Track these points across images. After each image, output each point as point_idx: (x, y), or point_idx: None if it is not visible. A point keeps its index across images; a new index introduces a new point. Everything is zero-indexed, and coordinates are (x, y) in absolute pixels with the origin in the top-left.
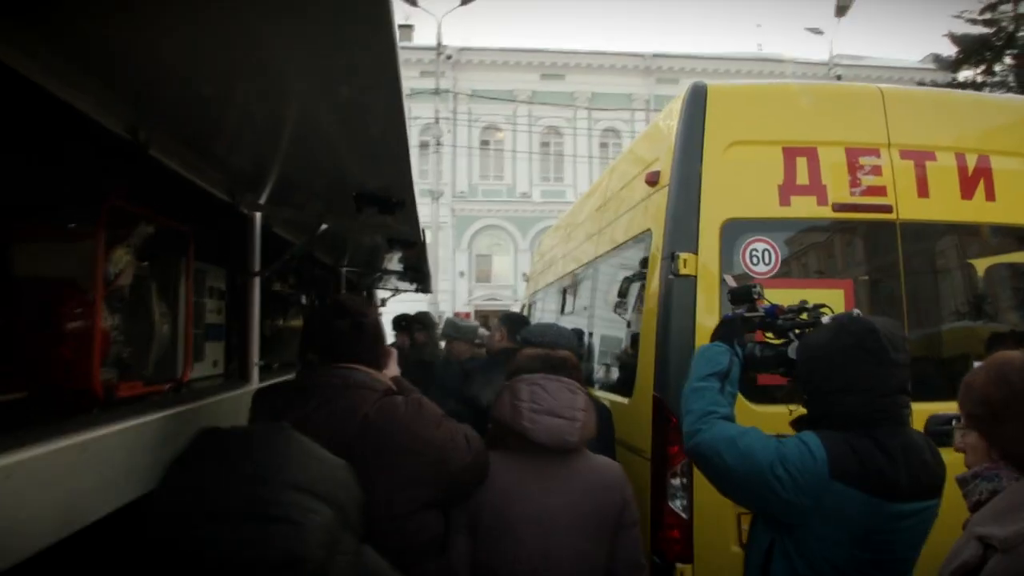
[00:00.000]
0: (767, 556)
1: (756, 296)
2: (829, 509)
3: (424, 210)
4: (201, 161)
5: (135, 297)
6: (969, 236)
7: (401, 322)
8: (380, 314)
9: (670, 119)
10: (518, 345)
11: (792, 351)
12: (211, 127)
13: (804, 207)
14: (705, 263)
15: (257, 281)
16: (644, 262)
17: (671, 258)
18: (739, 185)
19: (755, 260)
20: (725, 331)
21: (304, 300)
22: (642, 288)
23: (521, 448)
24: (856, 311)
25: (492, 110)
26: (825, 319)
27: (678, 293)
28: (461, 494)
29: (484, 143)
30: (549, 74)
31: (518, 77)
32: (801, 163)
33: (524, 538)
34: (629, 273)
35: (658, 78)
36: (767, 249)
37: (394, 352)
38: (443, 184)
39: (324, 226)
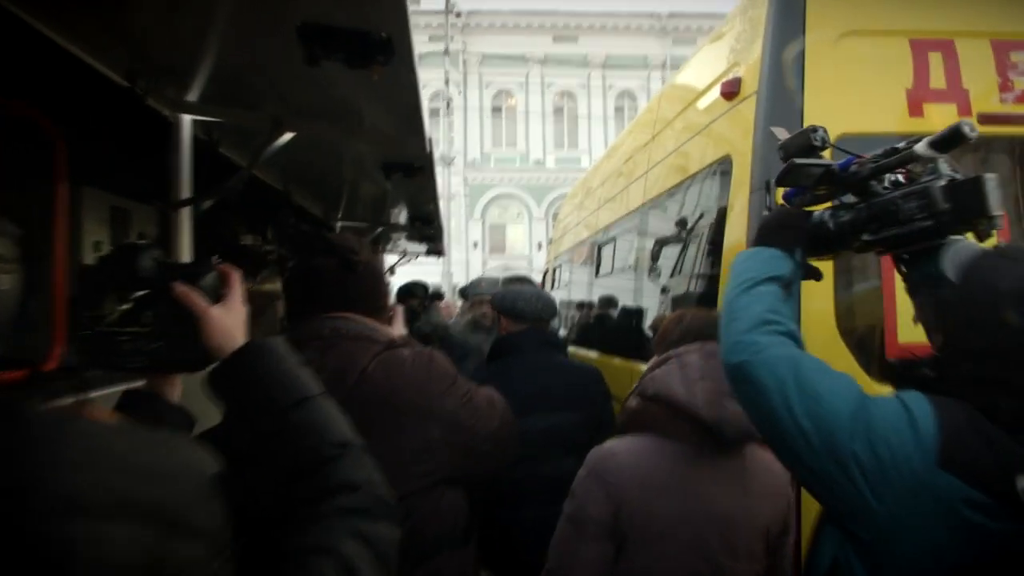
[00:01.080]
0: None
1: (820, 142)
2: (926, 517)
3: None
4: (82, 23)
5: None
6: None
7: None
8: (382, 260)
9: (755, 7)
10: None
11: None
12: None
13: (940, 118)
14: None
15: (187, 218)
16: (721, 199)
17: (766, 189)
18: (855, 89)
19: None
20: (778, 227)
21: (289, 264)
22: (719, 233)
23: (687, 437)
24: None
25: (504, 75)
26: (943, 167)
27: None
28: (486, 470)
29: (496, 109)
30: (562, 36)
31: (530, 40)
32: (935, 60)
33: (685, 549)
34: (697, 216)
35: (675, 39)
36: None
37: (400, 309)
38: (455, 152)
39: (286, 136)
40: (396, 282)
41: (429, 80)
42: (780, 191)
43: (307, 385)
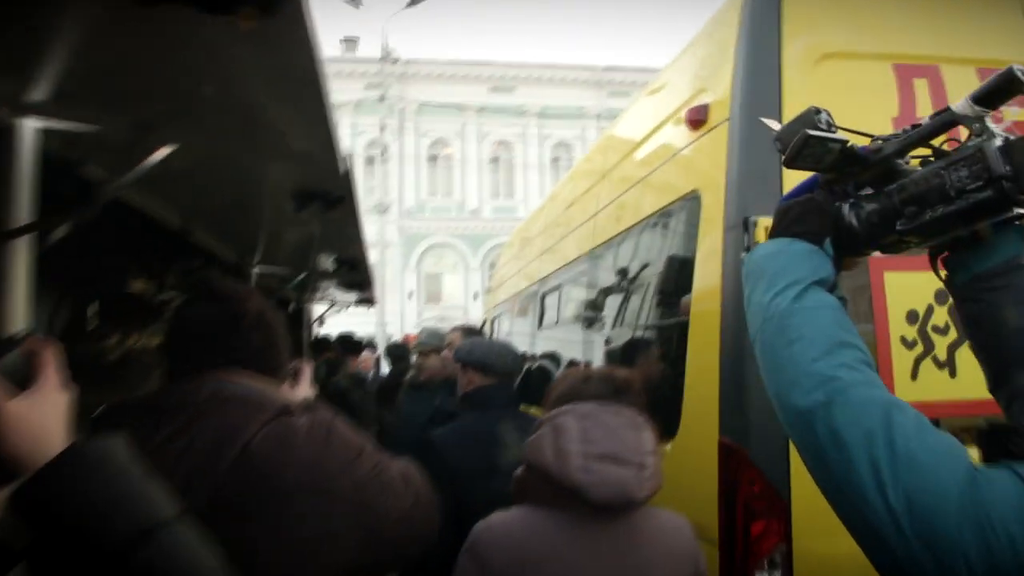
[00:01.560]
0: None
1: (825, 126)
2: None
3: (370, 228)
4: None
5: None
6: None
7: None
8: (274, 308)
9: (723, 28)
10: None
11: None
12: None
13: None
14: None
15: (24, 251)
16: (687, 239)
17: (744, 227)
18: (838, 117)
19: None
20: (803, 213)
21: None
22: (684, 277)
23: (563, 505)
24: None
25: (440, 124)
26: (993, 126)
27: None
28: (399, 556)
29: (432, 158)
30: (499, 87)
31: (467, 90)
32: (920, 87)
33: None
34: (658, 260)
35: (610, 91)
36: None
37: (306, 367)
38: (390, 200)
39: (165, 149)
40: (326, 333)
41: (365, 127)
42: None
43: (158, 507)
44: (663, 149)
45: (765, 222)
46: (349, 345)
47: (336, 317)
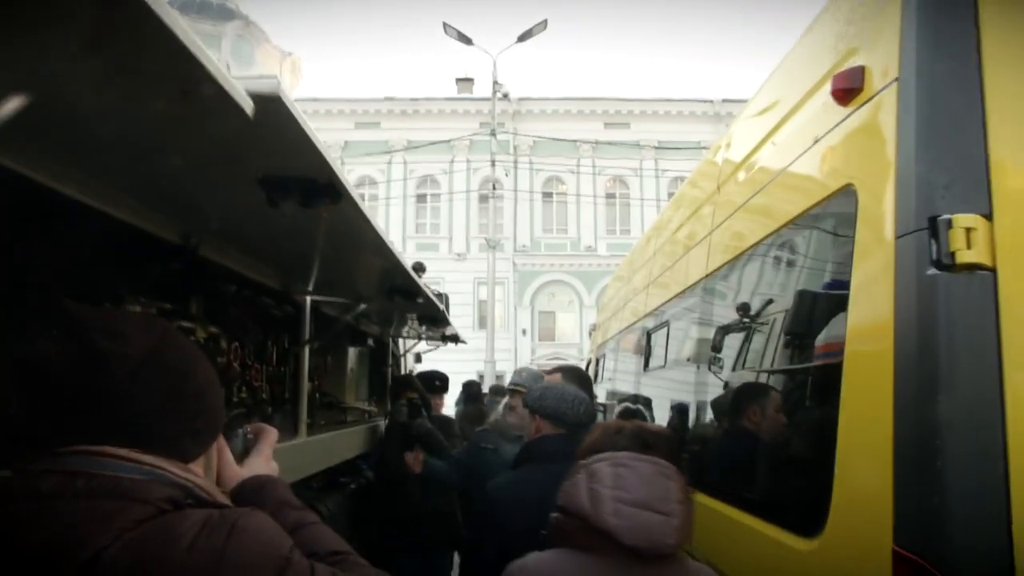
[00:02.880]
0: None
1: None
2: None
3: (482, 265)
4: None
5: None
6: None
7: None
8: (189, 349)
9: None
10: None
11: None
12: None
13: None
14: (1014, 238)
15: None
16: (836, 256)
17: (931, 231)
18: None
19: None
20: None
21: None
22: (832, 306)
23: (595, 548)
24: None
25: (554, 161)
26: None
27: (958, 305)
28: None
29: (547, 195)
30: (613, 123)
31: (581, 127)
32: None
33: None
34: (792, 285)
35: (728, 123)
36: None
37: (269, 432)
38: (504, 238)
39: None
40: (411, 371)
41: (480, 164)
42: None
43: None
44: (796, 138)
45: (966, 221)
46: (432, 384)
47: (437, 354)
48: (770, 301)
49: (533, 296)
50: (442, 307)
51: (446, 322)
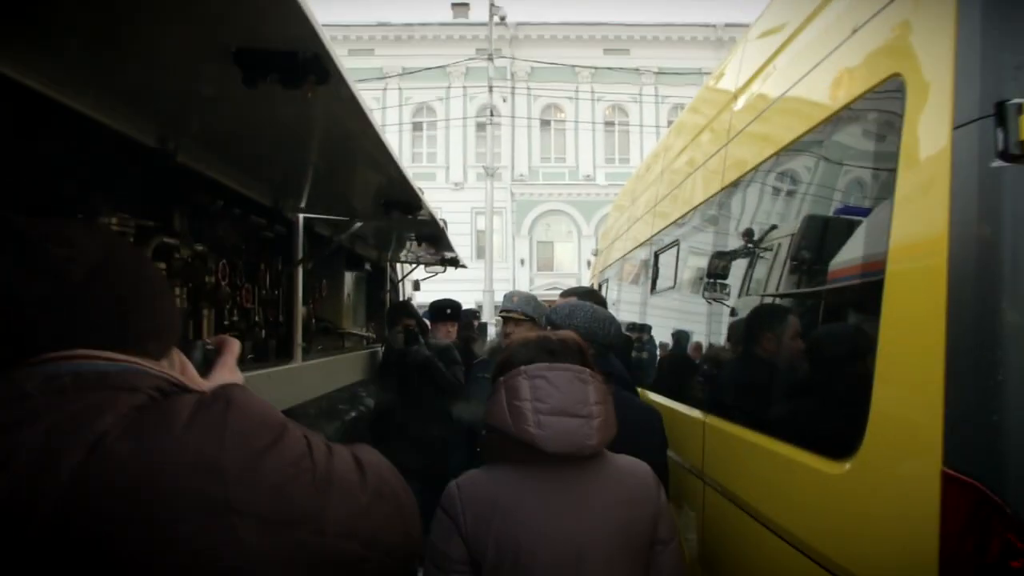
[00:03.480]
0: None
1: None
2: None
3: (479, 194)
4: None
5: None
6: None
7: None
8: (138, 256)
9: None
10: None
11: None
12: None
13: None
14: None
15: None
16: (878, 156)
17: (998, 117)
18: None
19: None
20: None
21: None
22: (876, 210)
23: (526, 460)
24: None
25: (553, 87)
26: None
27: None
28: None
29: (545, 122)
30: (613, 48)
31: (580, 53)
32: None
33: (543, 572)
34: (823, 193)
35: (730, 49)
36: None
37: (232, 343)
38: (501, 167)
39: None
40: (423, 299)
41: (476, 92)
42: None
43: None
44: (830, 32)
45: None
46: (443, 312)
47: (436, 284)
48: (797, 211)
49: (531, 226)
50: (441, 221)
51: (446, 243)
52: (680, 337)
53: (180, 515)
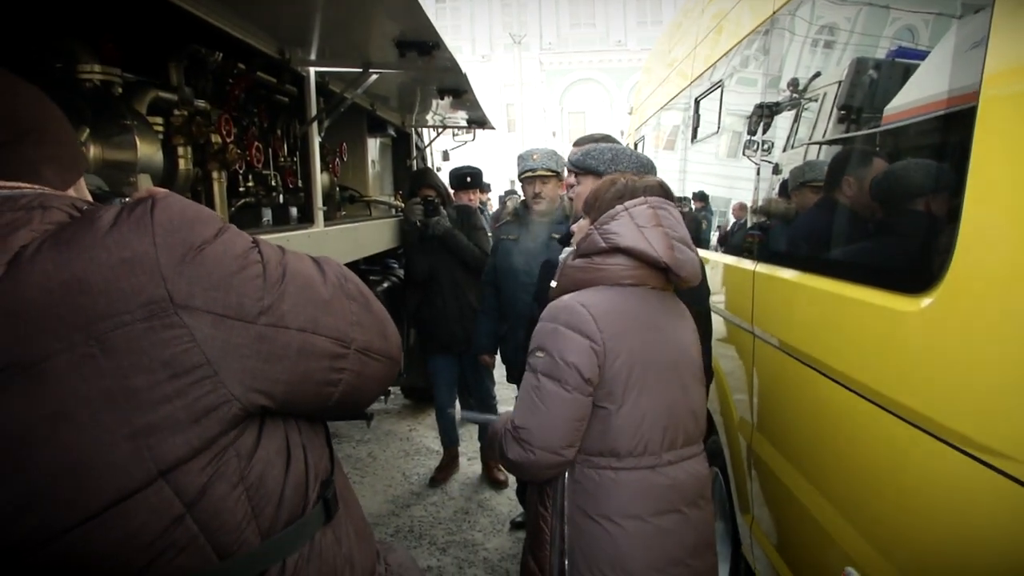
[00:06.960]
0: None
1: None
2: None
3: (507, 65)
4: None
5: None
6: None
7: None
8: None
9: None
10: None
11: None
12: None
13: None
14: None
15: None
16: None
17: None
18: None
19: None
20: None
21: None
22: (961, 39)
23: (641, 282)
24: None
25: None
26: None
27: None
28: (327, 386)
29: None
30: None
31: None
32: None
33: (667, 380)
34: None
35: None
36: None
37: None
38: (529, 36)
39: None
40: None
41: None
42: None
43: None
44: None
45: None
46: (464, 180)
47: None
48: (863, 35)
49: (562, 96)
50: (463, 70)
51: (472, 100)
52: (724, 185)
53: (119, 319)
